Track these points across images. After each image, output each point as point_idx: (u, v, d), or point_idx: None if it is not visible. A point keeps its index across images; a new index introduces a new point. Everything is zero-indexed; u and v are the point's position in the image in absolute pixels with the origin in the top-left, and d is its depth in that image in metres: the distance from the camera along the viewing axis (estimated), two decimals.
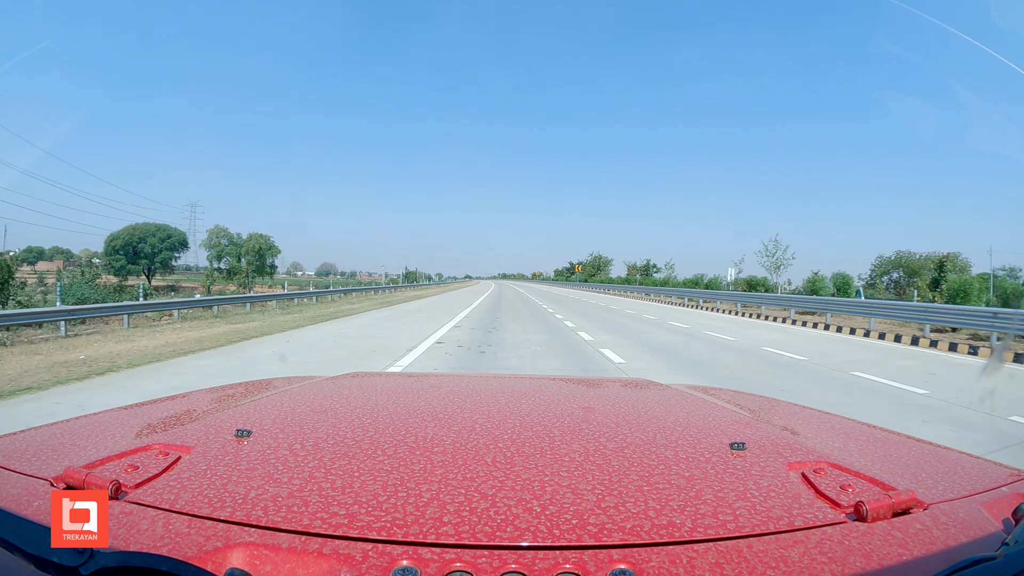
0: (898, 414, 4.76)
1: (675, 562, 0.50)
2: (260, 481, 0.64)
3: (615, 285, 50.37)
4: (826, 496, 0.63)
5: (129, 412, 1.04)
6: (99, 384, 5.61)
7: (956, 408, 5.06)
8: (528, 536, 0.53)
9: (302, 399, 1.13)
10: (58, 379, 5.73)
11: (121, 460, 0.69)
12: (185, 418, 0.97)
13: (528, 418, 0.98)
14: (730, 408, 1.14)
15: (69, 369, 6.30)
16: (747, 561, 0.50)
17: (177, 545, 0.51)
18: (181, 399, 1.19)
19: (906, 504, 0.60)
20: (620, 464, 0.73)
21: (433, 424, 0.92)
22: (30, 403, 4.80)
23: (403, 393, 1.26)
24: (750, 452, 0.77)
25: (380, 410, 1.04)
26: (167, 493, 0.61)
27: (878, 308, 13.87)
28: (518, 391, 1.27)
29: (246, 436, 0.79)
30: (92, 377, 5.91)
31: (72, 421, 0.96)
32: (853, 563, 0.51)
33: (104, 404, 1.89)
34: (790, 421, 1.13)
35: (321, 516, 0.56)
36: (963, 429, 4.33)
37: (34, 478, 0.66)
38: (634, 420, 1.02)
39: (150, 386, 5.42)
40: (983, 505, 0.65)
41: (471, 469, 0.69)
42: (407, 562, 0.49)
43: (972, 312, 11.33)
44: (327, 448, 0.76)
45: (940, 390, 5.89)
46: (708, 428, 0.97)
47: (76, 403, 4.67)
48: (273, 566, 0.49)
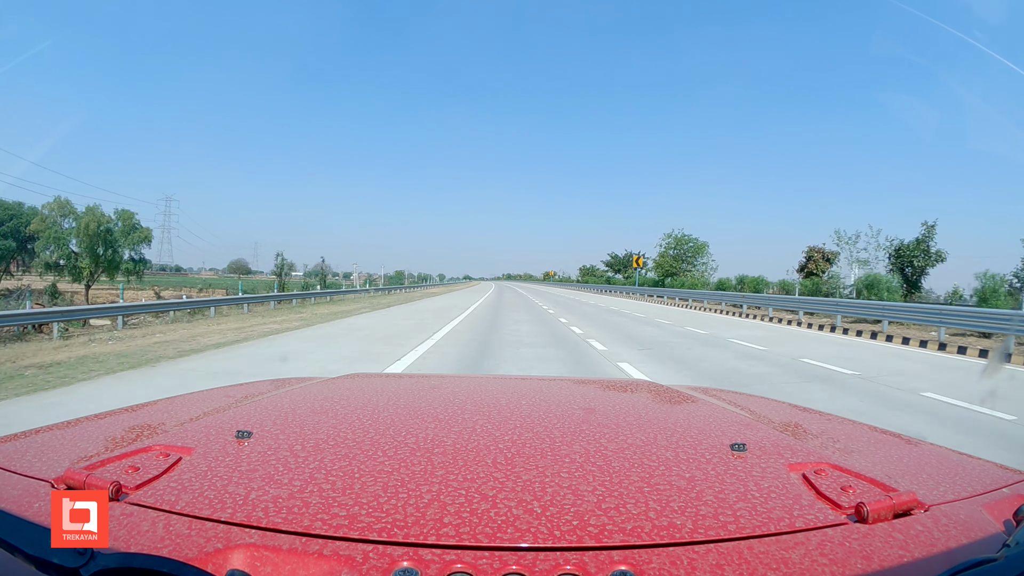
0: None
1: (676, 563, 0.50)
2: (260, 482, 0.64)
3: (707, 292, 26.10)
4: (827, 497, 0.63)
5: (129, 413, 1.04)
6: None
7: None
8: (529, 537, 0.53)
9: (302, 400, 1.13)
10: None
11: (122, 461, 0.69)
12: (186, 419, 0.97)
13: (529, 419, 0.98)
14: (730, 409, 1.13)
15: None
16: (748, 562, 0.50)
17: (178, 546, 0.51)
18: (181, 400, 1.18)
19: (907, 505, 0.60)
20: (621, 465, 0.73)
21: (433, 425, 0.92)
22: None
23: (403, 394, 1.26)
24: (751, 453, 0.77)
25: (380, 411, 1.04)
26: (168, 494, 0.61)
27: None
28: (519, 392, 1.27)
29: (247, 437, 0.79)
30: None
31: (72, 422, 0.96)
32: (854, 564, 0.51)
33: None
34: (791, 422, 1.13)
35: (321, 517, 0.56)
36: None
37: (35, 479, 0.66)
38: (635, 421, 1.02)
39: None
40: (984, 506, 0.65)
41: (472, 470, 0.69)
42: (408, 563, 0.49)
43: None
44: (327, 449, 0.76)
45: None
46: (709, 429, 0.97)
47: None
48: (273, 567, 0.48)
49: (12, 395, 4.94)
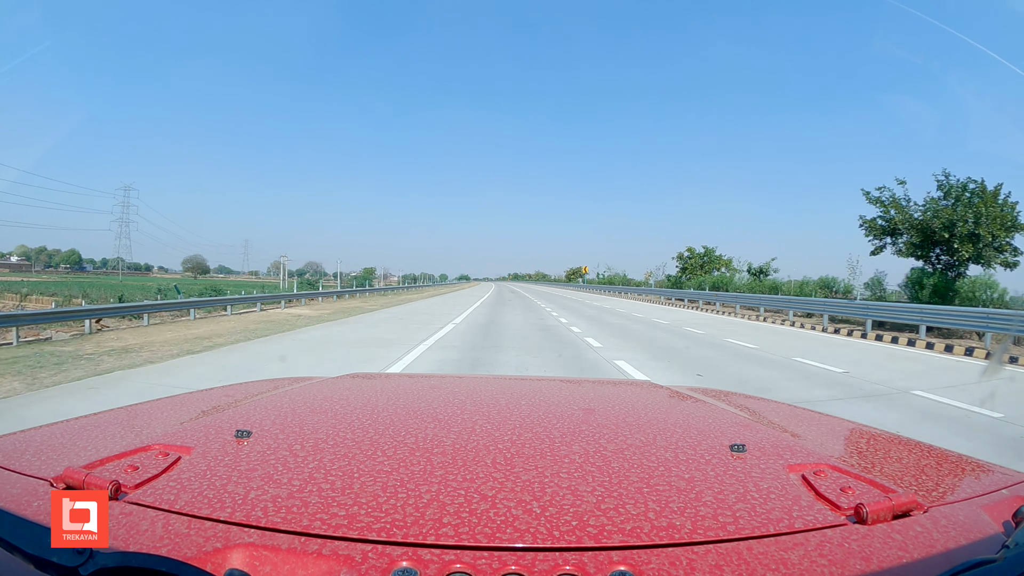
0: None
1: (675, 564, 0.50)
2: (260, 482, 0.64)
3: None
4: (826, 498, 0.63)
5: (129, 412, 1.04)
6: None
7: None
8: (528, 537, 0.53)
9: (302, 400, 1.13)
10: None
11: (121, 460, 0.69)
12: (185, 418, 0.97)
13: (528, 419, 0.98)
14: (730, 410, 1.13)
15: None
16: (747, 563, 0.50)
17: (177, 545, 0.51)
18: (181, 399, 1.18)
19: (906, 506, 0.60)
20: (620, 466, 0.73)
21: (433, 425, 0.92)
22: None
23: (403, 394, 1.26)
24: (750, 454, 0.77)
25: (380, 411, 1.04)
26: (167, 493, 0.61)
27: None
28: (518, 392, 1.27)
29: (246, 436, 0.79)
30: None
31: (72, 421, 0.96)
32: (853, 565, 0.51)
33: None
34: (790, 423, 1.13)
35: (321, 517, 0.56)
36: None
37: (34, 478, 0.67)
38: (634, 422, 1.02)
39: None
40: (983, 508, 0.65)
41: (471, 470, 0.69)
42: (407, 563, 0.49)
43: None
44: (327, 449, 0.76)
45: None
46: (708, 430, 0.97)
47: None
48: (273, 567, 0.49)
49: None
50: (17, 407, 4.71)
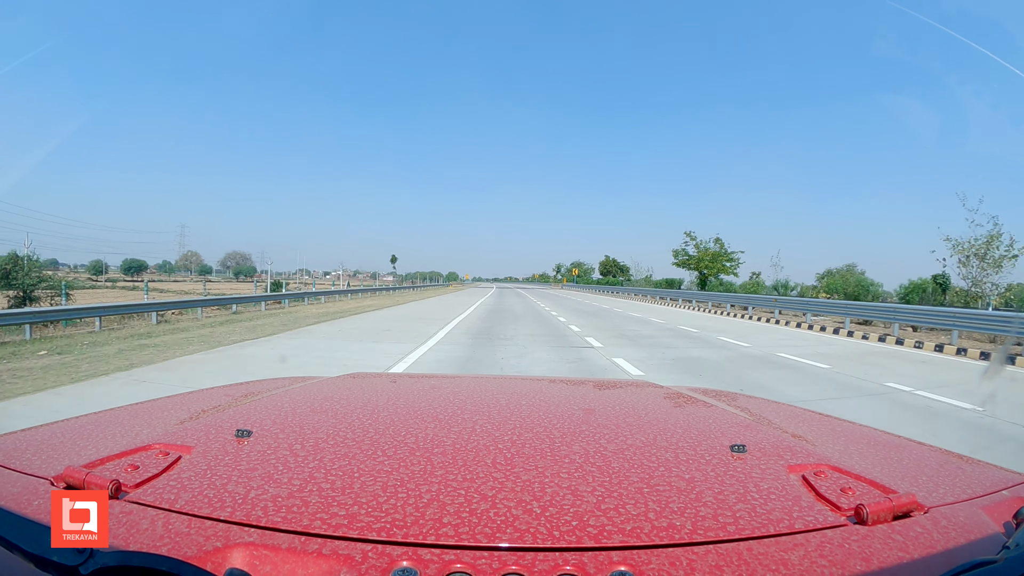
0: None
1: (675, 564, 0.50)
2: (260, 481, 0.64)
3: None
4: (826, 499, 0.63)
5: (129, 412, 1.04)
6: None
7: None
8: (528, 537, 0.53)
9: (302, 399, 1.13)
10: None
11: (121, 460, 0.69)
12: (185, 418, 0.97)
13: (528, 419, 0.98)
14: (730, 410, 1.13)
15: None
16: (747, 563, 0.50)
17: (177, 545, 0.51)
18: (181, 398, 1.18)
19: (907, 507, 0.60)
20: (620, 466, 0.73)
21: (433, 425, 0.92)
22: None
23: (403, 394, 1.26)
24: (750, 454, 0.77)
25: (380, 411, 1.04)
26: (167, 493, 0.61)
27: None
28: (518, 392, 1.27)
29: (246, 436, 0.79)
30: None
31: (72, 420, 0.96)
32: (853, 566, 0.51)
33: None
34: (791, 424, 1.13)
35: (321, 516, 0.56)
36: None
37: (34, 477, 0.67)
38: (634, 422, 1.02)
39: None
40: (984, 508, 0.65)
41: (471, 470, 0.69)
42: (407, 563, 0.49)
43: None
44: (327, 448, 0.76)
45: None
46: (708, 430, 0.97)
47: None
48: (273, 566, 0.49)
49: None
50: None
